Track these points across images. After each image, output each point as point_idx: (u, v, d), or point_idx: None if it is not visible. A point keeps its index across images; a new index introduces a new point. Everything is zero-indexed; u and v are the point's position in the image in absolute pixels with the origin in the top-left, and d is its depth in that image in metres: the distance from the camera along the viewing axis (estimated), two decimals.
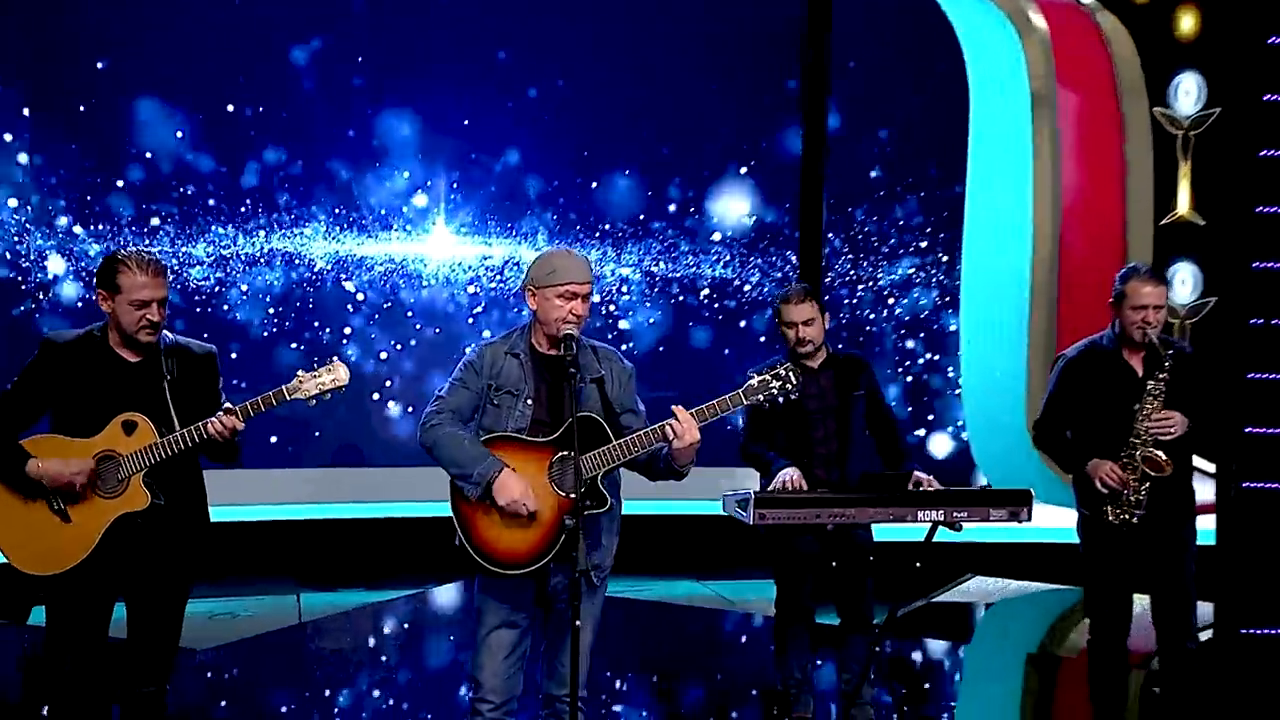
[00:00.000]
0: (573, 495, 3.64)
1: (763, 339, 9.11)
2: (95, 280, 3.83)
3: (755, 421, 4.98)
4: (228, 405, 3.77)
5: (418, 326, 9.17)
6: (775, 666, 5.15)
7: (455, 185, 9.24)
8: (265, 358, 8.71)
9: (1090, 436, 4.63)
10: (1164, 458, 4.48)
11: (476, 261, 9.35)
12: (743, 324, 9.39)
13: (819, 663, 5.15)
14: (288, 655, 6.79)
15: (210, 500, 3.99)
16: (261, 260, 8.95)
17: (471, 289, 9.32)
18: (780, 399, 3.80)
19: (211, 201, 8.72)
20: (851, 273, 9.52)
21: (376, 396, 9.03)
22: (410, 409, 8.89)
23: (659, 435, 3.71)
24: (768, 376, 3.80)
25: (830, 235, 9.22)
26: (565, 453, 3.68)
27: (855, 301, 9.45)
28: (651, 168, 9.27)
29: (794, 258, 9.18)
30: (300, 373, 3.81)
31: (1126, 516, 4.53)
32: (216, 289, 8.85)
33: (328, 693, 6.10)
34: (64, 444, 3.73)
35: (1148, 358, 4.54)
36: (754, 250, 9.46)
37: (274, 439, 8.68)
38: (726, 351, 9.23)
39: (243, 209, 8.79)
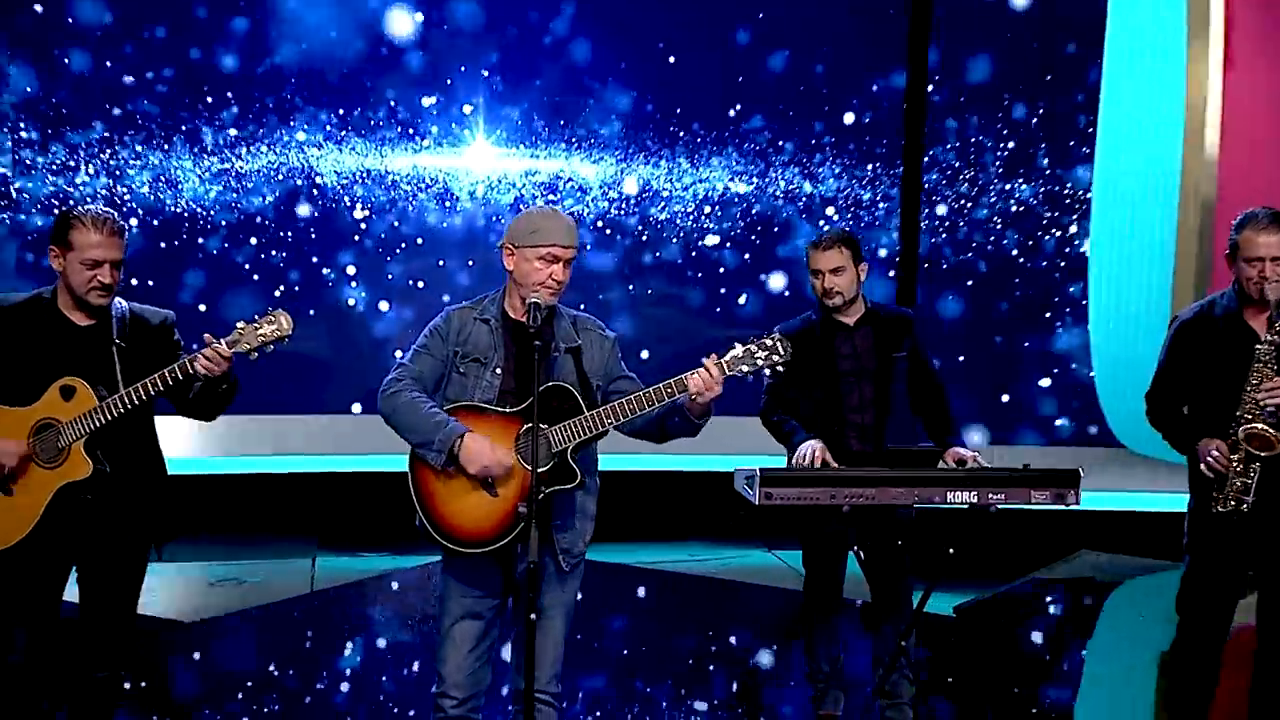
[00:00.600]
0: (543, 469, 3.95)
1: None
2: (50, 237, 4.26)
3: (778, 384, 5.21)
4: (209, 338, 4.11)
5: (440, 263, 9.55)
6: (804, 658, 5.46)
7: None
8: (250, 297, 9.20)
9: (1205, 411, 4.70)
10: (1274, 434, 4.50)
11: (521, 178, 9.71)
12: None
13: (842, 654, 5.43)
14: (285, 631, 7.26)
15: (225, 449, 4.38)
16: (250, 173, 9.37)
17: None
18: (767, 371, 4.08)
19: (189, 99, 9.19)
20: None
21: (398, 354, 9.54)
22: None
23: (671, 390, 3.98)
24: (753, 346, 4.05)
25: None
26: (530, 426, 3.95)
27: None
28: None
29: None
30: (239, 324, 4.12)
31: (1233, 504, 4.57)
32: (192, 212, 9.29)
33: (324, 673, 6.58)
34: (1, 414, 4.19)
35: (1272, 318, 4.55)
36: (851, 165, 9.66)
37: (294, 383, 9.19)
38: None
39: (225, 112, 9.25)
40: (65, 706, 4.36)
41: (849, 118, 10.00)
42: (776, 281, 10.02)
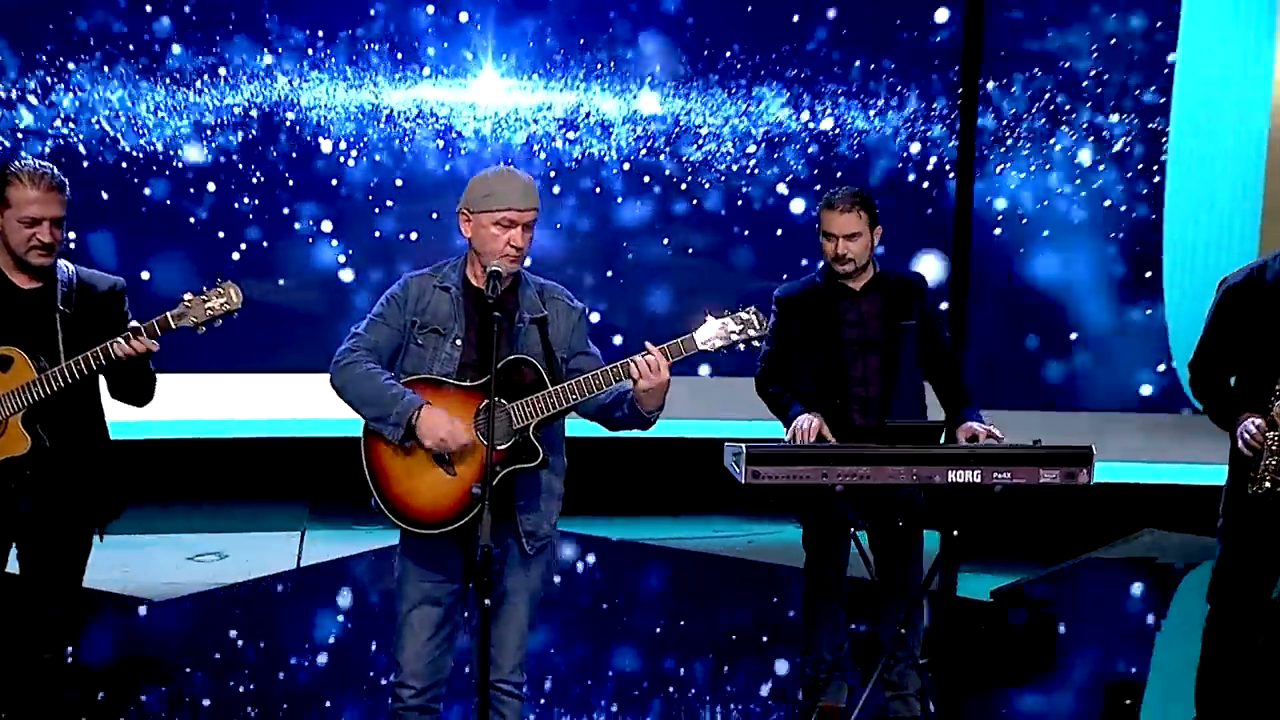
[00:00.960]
0: (503, 447, 4.13)
1: None
2: None
3: (778, 349, 5.40)
4: (134, 324, 4.33)
5: (433, 216, 9.70)
6: (803, 647, 5.66)
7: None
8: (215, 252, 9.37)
9: (1251, 383, 4.77)
10: None
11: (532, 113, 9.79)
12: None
13: (847, 641, 5.62)
14: (260, 612, 7.54)
15: (220, 412, 4.57)
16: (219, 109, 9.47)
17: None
18: (743, 347, 4.25)
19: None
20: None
21: None
22: None
23: (618, 374, 4.13)
24: (728, 319, 4.21)
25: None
26: (498, 400, 4.13)
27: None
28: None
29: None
30: (187, 295, 4.32)
31: (1268, 485, 4.66)
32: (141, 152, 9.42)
33: (292, 661, 6.81)
34: None
35: None
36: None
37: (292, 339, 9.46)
38: None
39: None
40: (11, 688, 4.60)
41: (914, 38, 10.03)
42: None
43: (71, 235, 5.59)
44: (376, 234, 9.81)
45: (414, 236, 9.85)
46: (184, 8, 9.35)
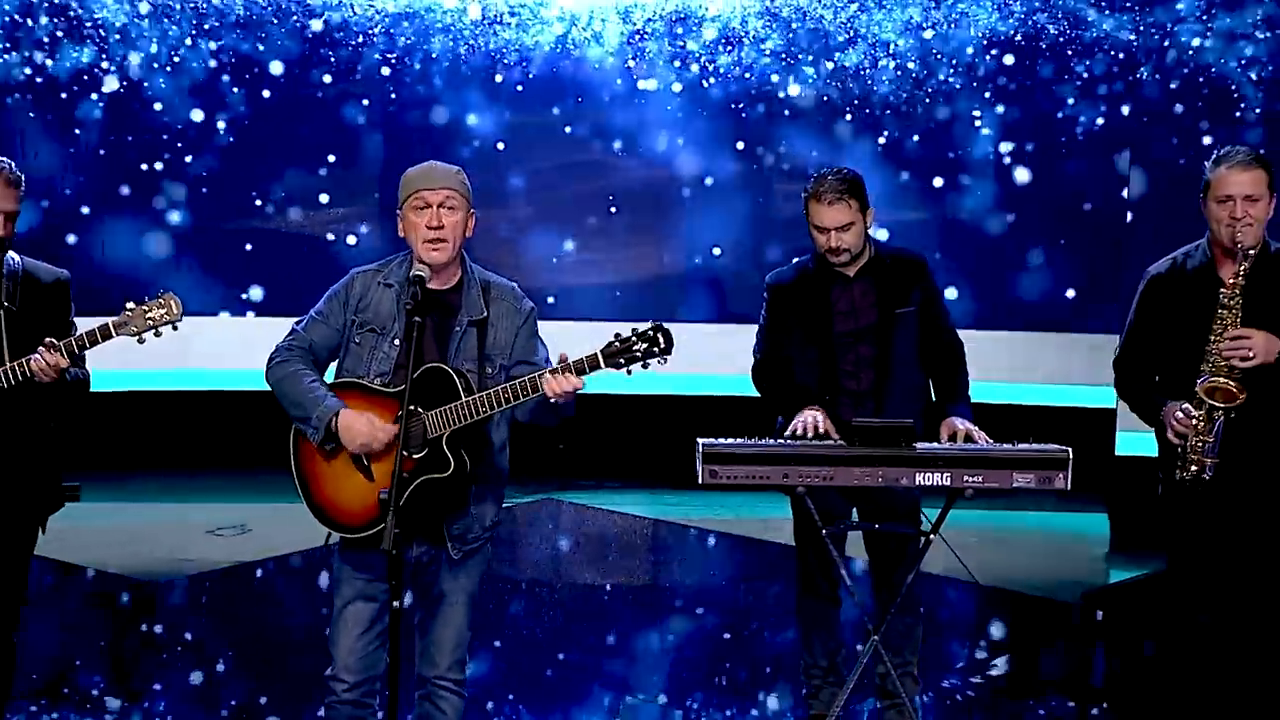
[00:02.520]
0: (416, 456, 4.12)
1: None
2: None
3: (771, 339, 5.23)
4: (50, 340, 4.38)
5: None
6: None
7: None
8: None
9: (1176, 376, 4.64)
10: (1234, 386, 4.45)
11: None
12: None
13: (843, 648, 5.49)
14: (278, 591, 7.59)
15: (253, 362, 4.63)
16: None
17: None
18: (646, 364, 4.14)
19: None
20: None
21: None
22: None
23: (527, 389, 4.07)
24: (633, 338, 4.06)
25: None
26: (411, 408, 4.10)
27: None
28: None
29: None
30: (129, 305, 4.37)
31: (1195, 470, 4.53)
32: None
33: (297, 642, 6.74)
34: None
35: (1240, 260, 4.53)
36: None
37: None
38: None
39: None
40: None
41: None
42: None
43: None
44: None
45: None
46: None
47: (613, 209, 10.19)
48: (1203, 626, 4.73)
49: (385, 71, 9.99)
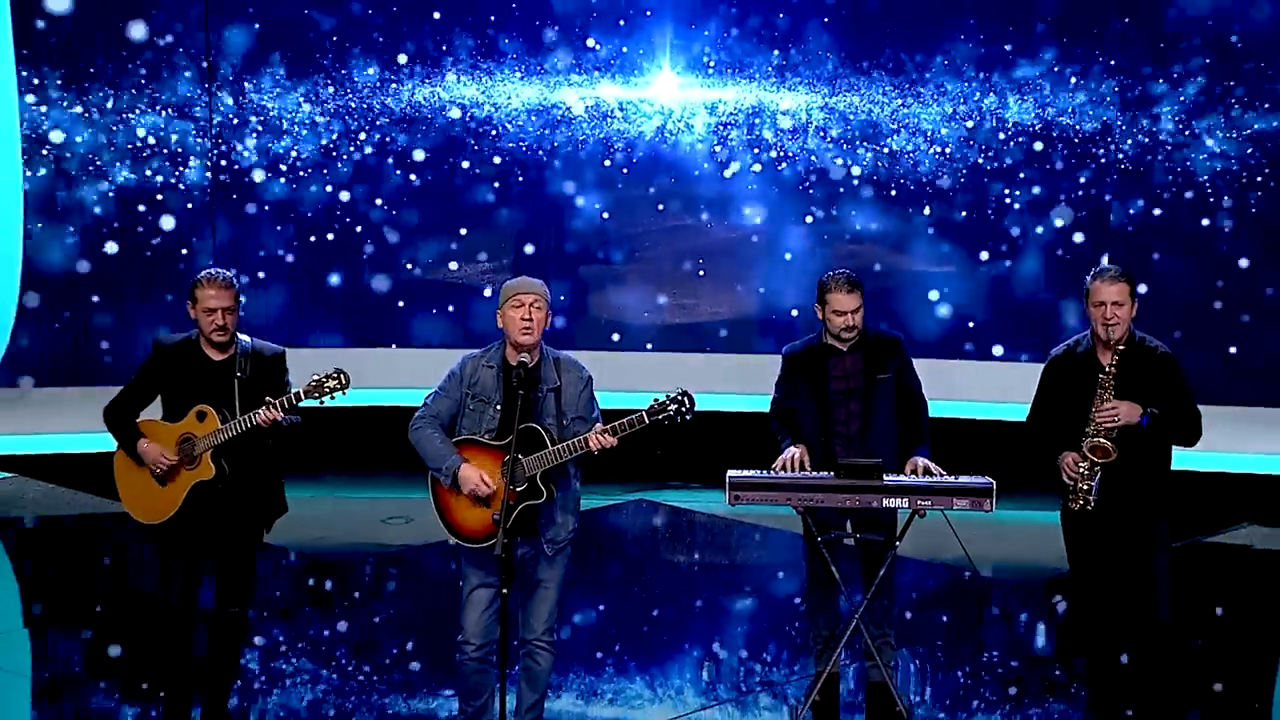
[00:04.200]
0: (519, 490, 5.51)
1: None
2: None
3: (783, 394, 6.55)
4: (269, 400, 5.87)
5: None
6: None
7: None
8: None
9: (1069, 433, 5.89)
10: (1109, 445, 5.69)
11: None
12: None
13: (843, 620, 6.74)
14: (423, 568, 8.90)
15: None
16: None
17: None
18: (678, 420, 5.47)
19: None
20: None
21: None
22: None
23: (580, 446, 5.48)
24: (666, 402, 5.45)
25: None
26: (513, 456, 5.48)
27: None
28: None
29: None
30: (315, 375, 5.86)
31: (1082, 503, 5.80)
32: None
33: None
34: (159, 427, 6.04)
35: (1113, 353, 5.76)
36: None
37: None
38: None
39: None
40: (208, 633, 6.24)
41: None
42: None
43: None
44: None
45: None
46: None
47: (700, 271, 11.55)
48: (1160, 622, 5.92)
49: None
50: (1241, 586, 8.72)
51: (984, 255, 11.16)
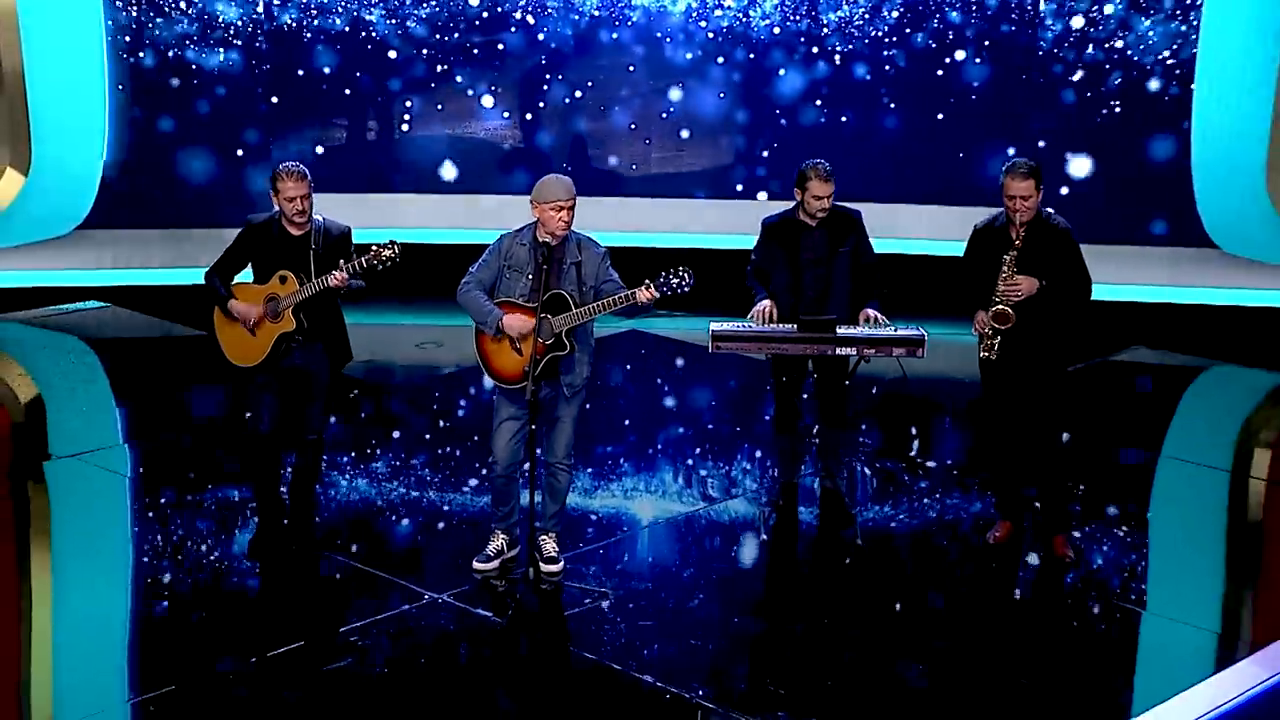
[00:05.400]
0: (547, 343, 6.60)
1: None
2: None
3: (760, 258, 7.64)
4: (340, 263, 6.95)
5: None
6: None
7: None
8: None
9: (982, 290, 7.00)
10: (1009, 312, 6.85)
11: None
12: None
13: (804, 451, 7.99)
14: (452, 387, 10.07)
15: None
16: None
17: None
18: (684, 290, 6.52)
19: None
20: None
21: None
22: None
23: (622, 300, 6.48)
24: (671, 276, 6.50)
25: None
26: (543, 315, 6.61)
27: None
28: None
29: None
30: (373, 246, 6.90)
31: (987, 354, 6.99)
32: None
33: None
34: (248, 289, 7.16)
35: (1017, 235, 6.86)
36: None
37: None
38: None
39: None
40: (291, 455, 7.48)
41: None
42: None
43: None
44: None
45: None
46: None
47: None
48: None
49: None
50: (1130, 397, 10.24)
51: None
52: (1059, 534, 7.10)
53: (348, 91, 12.43)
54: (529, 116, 12.54)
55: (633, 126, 12.46)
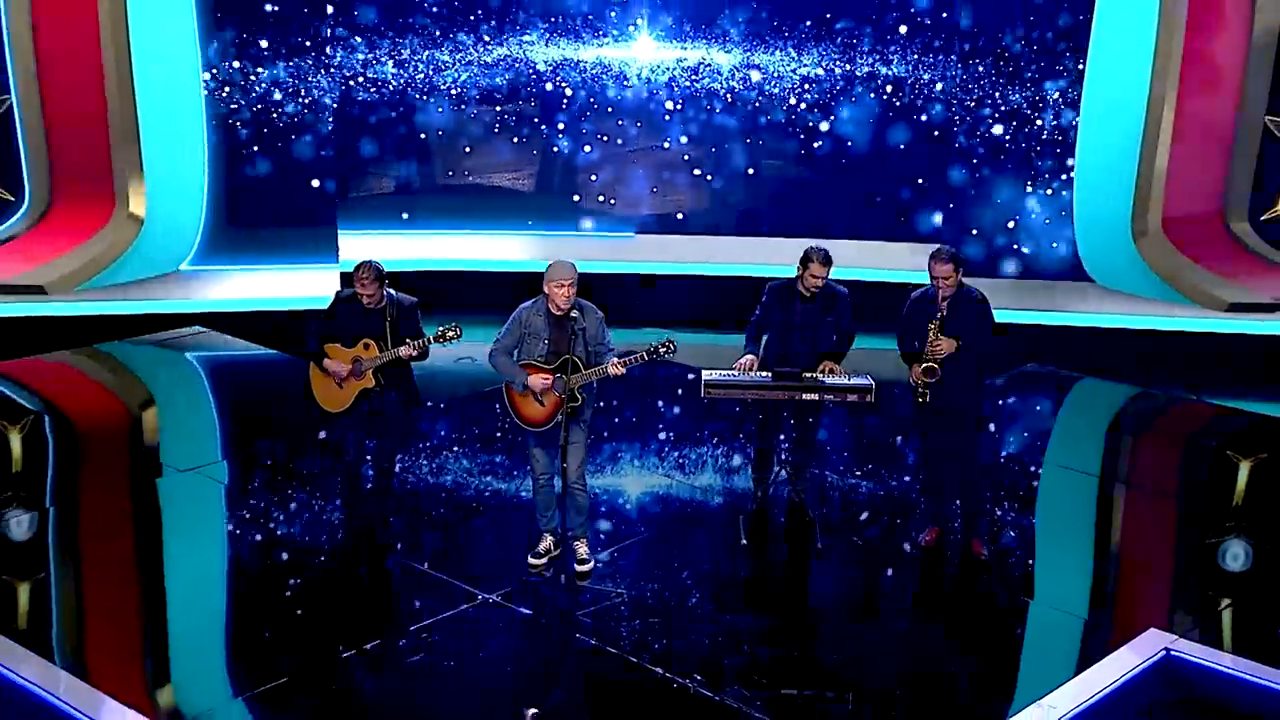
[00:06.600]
0: (563, 396, 8.09)
1: None
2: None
3: (760, 316, 9.04)
4: (408, 340, 8.46)
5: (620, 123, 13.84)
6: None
7: None
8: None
9: (915, 348, 8.53)
10: (936, 368, 8.36)
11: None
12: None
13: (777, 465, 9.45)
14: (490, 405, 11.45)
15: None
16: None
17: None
18: (657, 357, 8.01)
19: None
20: None
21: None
22: None
23: (603, 373, 7.99)
24: (657, 346, 7.99)
25: None
26: (559, 375, 8.12)
27: None
28: None
29: None
30: (439, 328, 8.47)
31: (921, 401, 8.51)
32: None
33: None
34: (338, 350, 8.68)
35: (941, 307, 8.42)
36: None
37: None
38: None
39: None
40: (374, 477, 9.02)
41: None
42: None
43: None
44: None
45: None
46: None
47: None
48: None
49: None
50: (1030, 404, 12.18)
51: None
52: (975, 537, 8.68)
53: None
54: None
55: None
